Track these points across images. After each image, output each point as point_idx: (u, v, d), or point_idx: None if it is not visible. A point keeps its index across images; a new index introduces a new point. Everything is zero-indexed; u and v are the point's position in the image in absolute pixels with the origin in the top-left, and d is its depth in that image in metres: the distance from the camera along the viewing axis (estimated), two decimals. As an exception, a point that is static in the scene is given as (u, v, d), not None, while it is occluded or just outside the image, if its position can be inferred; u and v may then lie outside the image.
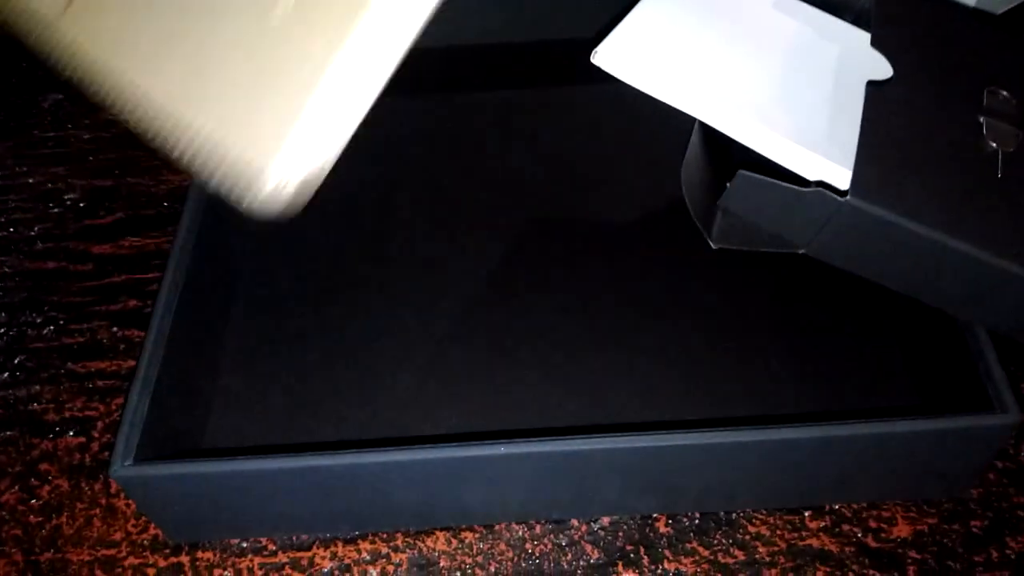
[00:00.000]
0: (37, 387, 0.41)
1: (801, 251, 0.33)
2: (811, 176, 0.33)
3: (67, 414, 0.40)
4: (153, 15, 0.31)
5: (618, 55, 0.36)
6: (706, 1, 0.39)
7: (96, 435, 0.39)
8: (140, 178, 0.49)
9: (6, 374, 0.41)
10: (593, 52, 0.37)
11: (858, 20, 0.41)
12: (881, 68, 0.35)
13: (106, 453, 0.38)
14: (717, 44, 0.37)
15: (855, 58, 0.36)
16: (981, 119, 0.34)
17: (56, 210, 0.48)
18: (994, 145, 0.33)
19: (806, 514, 0.34)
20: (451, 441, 0.30)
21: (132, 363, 0.41)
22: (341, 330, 0.40)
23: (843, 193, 0.30)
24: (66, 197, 0.48)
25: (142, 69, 0.30)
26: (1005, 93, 0.35)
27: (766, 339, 0.38)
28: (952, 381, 0.33)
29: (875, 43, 0.35)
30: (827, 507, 0.35)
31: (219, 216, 0.40)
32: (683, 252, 0.41)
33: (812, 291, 0.40)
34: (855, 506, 0.35)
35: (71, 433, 0.39)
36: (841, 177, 0.32)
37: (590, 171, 0.45)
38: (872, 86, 0.33)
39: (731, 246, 0.35)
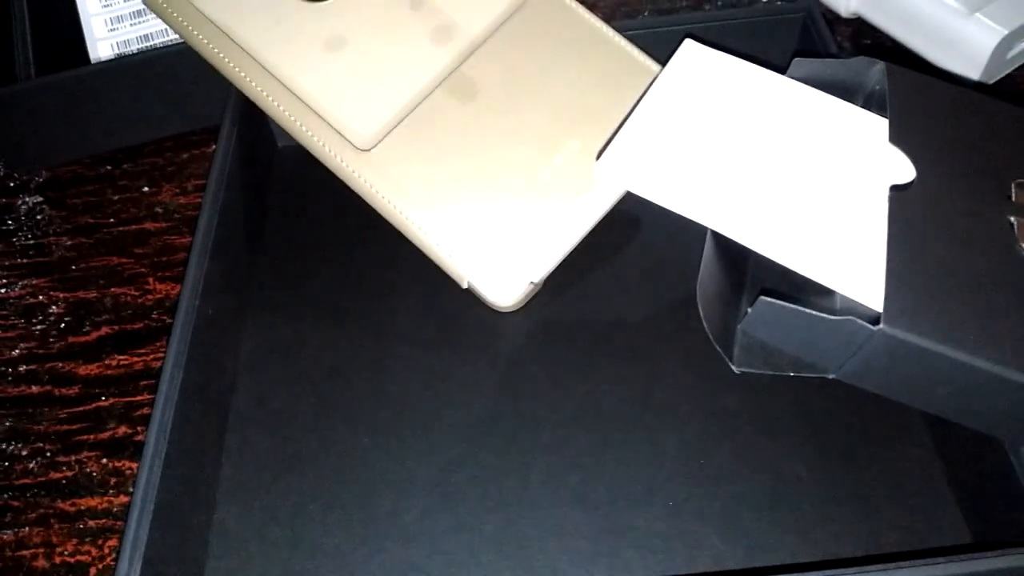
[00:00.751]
0: (26, 529, 0.38)
1: (831, 376, 0.31)
2: (834, 285, 0.31)
3: (58, 559, 0.37)
4: (447, 160, 0.41)
5: (622, 164, 0.35)
6: (709, 96, 0.37)
7: (88, 584, 0.36)
8: (125, 288, 0.47)
9: (-9, 516, 0.39)
10: (596, 162, 0.35)
11: (869, 101, 0.39)
12: (901, 163, 0.33)
13: (100, 605, 0.36)
14: (724, 144, 0.35)
15: (872, 152, 0.34)
16: (1012, 219, 0.32)
17: (39, 327, 0.46)
18: (1028, 249, 0.31)
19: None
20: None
21: (124, 499, 0.39)
22: (342, 455, 0.38)
23: (875, 320, 0.28)
24: (50, 311, 0.46)
25: (426, 205, 0.40)
26: (1034, 187, 0.33)
27: (798, 468, 0.35)
28: (1001, 508, 0.31)
29: (893, 139, 0.33)
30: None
31: (210, 333, 0.38)
32: (703, 370, 0.38)
33: (845, 413, 0.37)
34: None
35: (62, 582, 0.37)
36: (866, 287, 0.30)
37: (605, 276, 0.43)
38: (895, 191, 0.31)
39: (754, 369, 0.33)
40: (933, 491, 0.35)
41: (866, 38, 0.55)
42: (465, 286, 0.40)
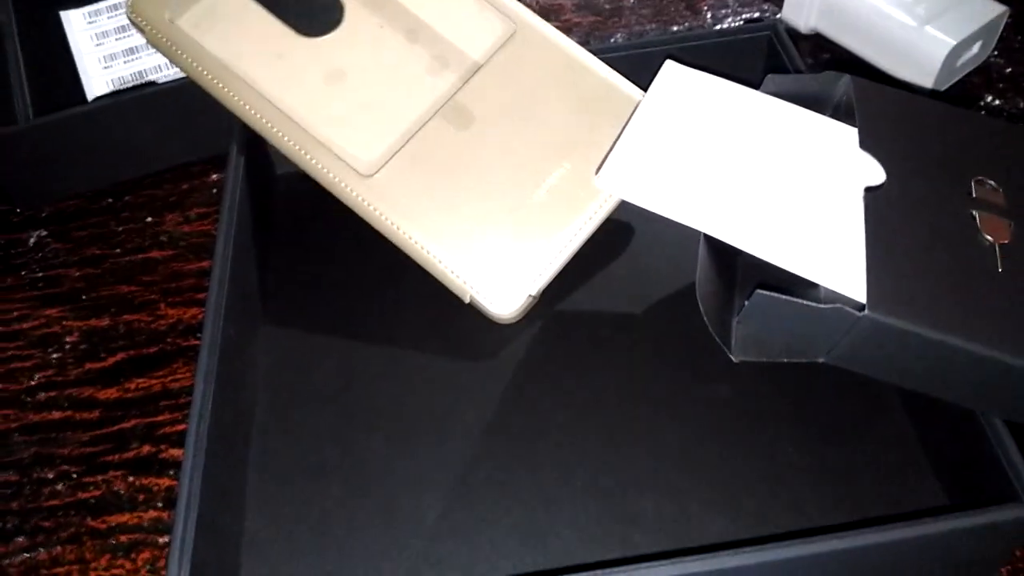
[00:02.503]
0: (58, 548, 0.40)
1: (820, 360, 0.34)
2: (818, 279, 0.34)
3: (92, 575, 0.39)
4: (446, 183, 0.44)
5: (620, 176, 0.37)
6: (693, 112, 0.41)
7: (126, 595, 0.38)
8: (137, 315, 0.49)
9: (22, 537, 0.40)
10: (595, 175, 0.38)
11: (837, 111, 0.43)
12: (872, 167, 0.36)
13: (139, 614, 0.37)
14: (711, 155, 0.38)
15: (844, 158, 0.38)
16: (974, 213, 0.35)
17: (56, 355, 0.47)
18: (990, 239, 0.34)
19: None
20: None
21: (153, 514, 0.41)
22: (362, 461, 0.40)
23: (860, 307, 0.31)
24: (65, 340, 0.48)
25: (427, 225, 0.43)
26: (991, 183, 0.36)
27: (789, 449, 0.38)
28: (976, 473, 0.34)
29: (863, 145, 0.37)
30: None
31: (233, 353, 0.40)
32: (697, 364, 0.41)
33: (829, 396, 0.40)
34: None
35: (100, 596, 0.38)
36: (847, 280, 0.33)
37: (601, 283, 0.46)
38: (869, 192, 0.35)
39: (751, 358, 0.36)
40: (912, 462, 0.38)
41: (825, 52, 0.58)
42: (467, 300, 0.42)
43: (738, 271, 0.39)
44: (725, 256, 0.38)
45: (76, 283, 0.51)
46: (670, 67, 0.43)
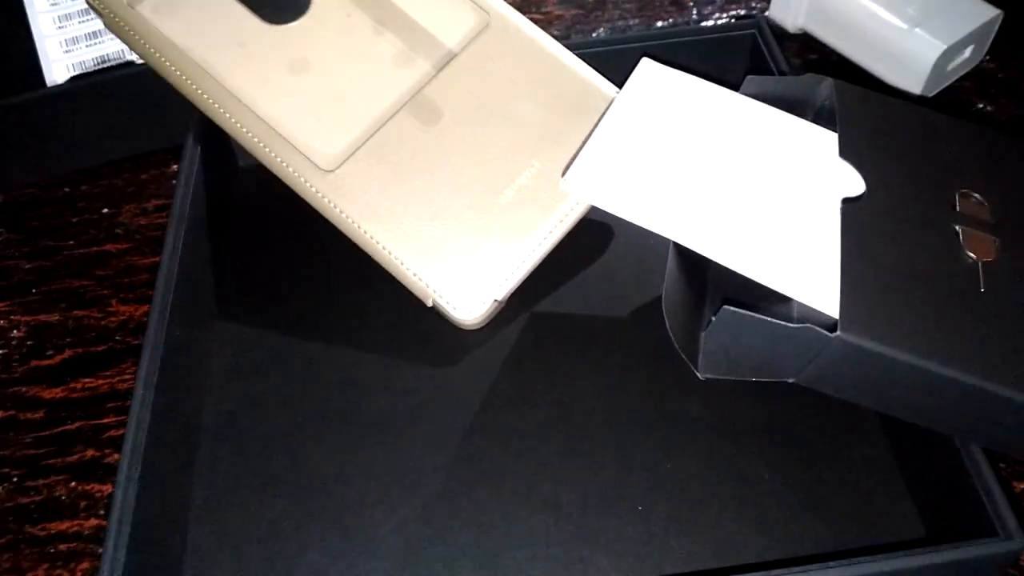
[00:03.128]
0: (-7, 556, 0.38)
1: (791, 380, 0.32)
2: (791, 293, 0.32)
3: (28, 585, 0.37)
4: (410, 181, 0.42)
5: (587, 179, 0.36)
6: (667, 113, 0.39)
7: (61, 609, 0.36)
8: (88, 311, 0.47)
9: (-42, 544, 0.38)
10: (562, 178, 0.36)
11: (818, 116, 0.41)
12: (851, 176, 0.35)
13: (73, 629, 0.36)
14: (684, 159, 0.36)
15: (823, 165, 0.36)
16: (957, 228, 0.33)
17: (1, 351, 0.45)
18: (973, 256, 0.32)
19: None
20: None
21: (95, 522, 0.39)
22: (315, 471, 0.38)
23: (832, 327, 0.29)
24: (11, 335, 0.46)
25: (390, 225, 0.41)
26: (977, 196, 0.35)
27: (761, 469, 0.37)
28: (954, 502, 0.33)
29: (843, 154, 0.35)
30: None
31: (178, 355, 0.38)
32: (668, 377, 0.40)
33: (804, 416, 0.38)
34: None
35: (33, 609, 0.36)
36: (822, 295, 0.32)
37: (570, 290, 0.44)
38: (847, 204, 0.33)
39: (719, 375, 0.34)
40: (888, 489, 0.36)
41: (812, 53, 0.57)
42: (430, 304, 0.41)
43: (708, 283, 0.38)
44: (695, 266, 0.36)
45: (26, 275, 0.49)
46: (646, 65, 0.41)
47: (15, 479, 0.41)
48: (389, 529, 0.36)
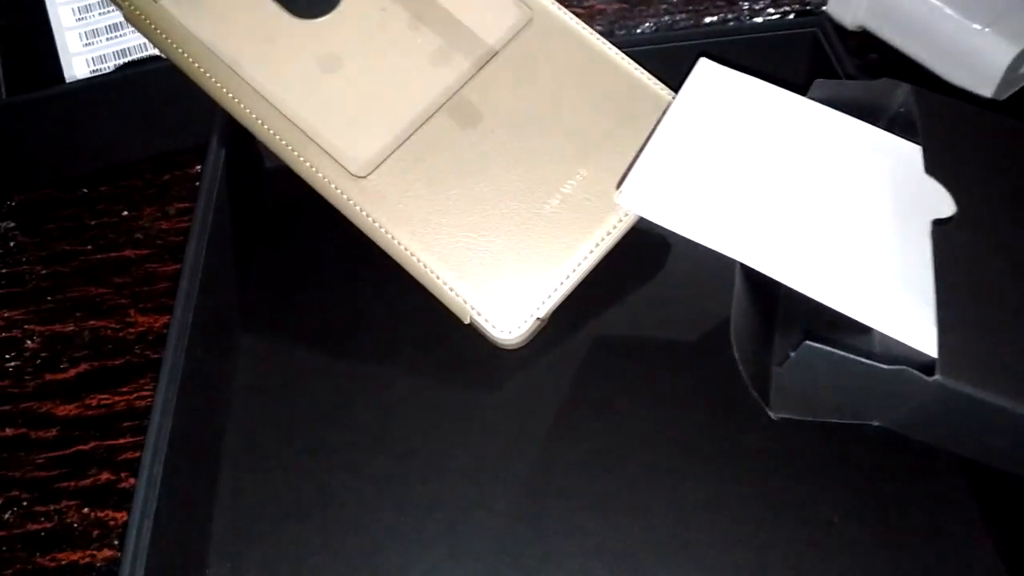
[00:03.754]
0: (1, 587, 0.36)
1: (875, 424, 0.29)
2: (876, 324, 0.29)
3: (36, 621, 0.35)
4: (448, 188, 0.39)
5: (645, 193, 0.32)
6: (730, 120, 0.36)
7: (71, 648, 0.34)
8: (104, 321, 0.44)
9: (-37, 572, 0.36)
10: (616, 190, 0.33)
11: (892, 124, 0.38)
12: (939, 195, 0.31)
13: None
14: (750, 170, 0.33)
15: (906, 180, 0.33)
16: (1058, 254, 0.30)
17: (13, 363, 0.43)
18: (1077, 286, 0.29)
19: None
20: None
21: (108, 553, 0.36)
22: (342, 501, 0.35)
23: (928, 368, 0.26)
24: (24, 346, 0.43)
25: (426, 236, 0.38)
26: (1077, 217, 0.31)
27: (831, 512, 0.33)
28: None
29: (929, 170, 0.32)
30: None
31: (199, 376, 0.36)
32: (731, 410, 0.36)
33: (876, 454, 0.35)
34: None
35: (42, 648, 0.34)
36: (910, 327, 0.28)
37: (629, 317, 0.41)
38: (937, 226, 0.30)
39: (792, 415, 0.31)
40: (968, 535, 0.33)
41: (871, 51, 0.53)
42: (468, 321, 0.38)
43: (779, 307, 0.34)
44: (764, 288, 0.33)
45: (42, 282, 0.46)
46: (704, 66, 0.38)
47: (25, 503, 0.38)
48: (423, 571, 0.34)
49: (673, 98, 0.39)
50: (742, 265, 0.32)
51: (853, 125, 0.35)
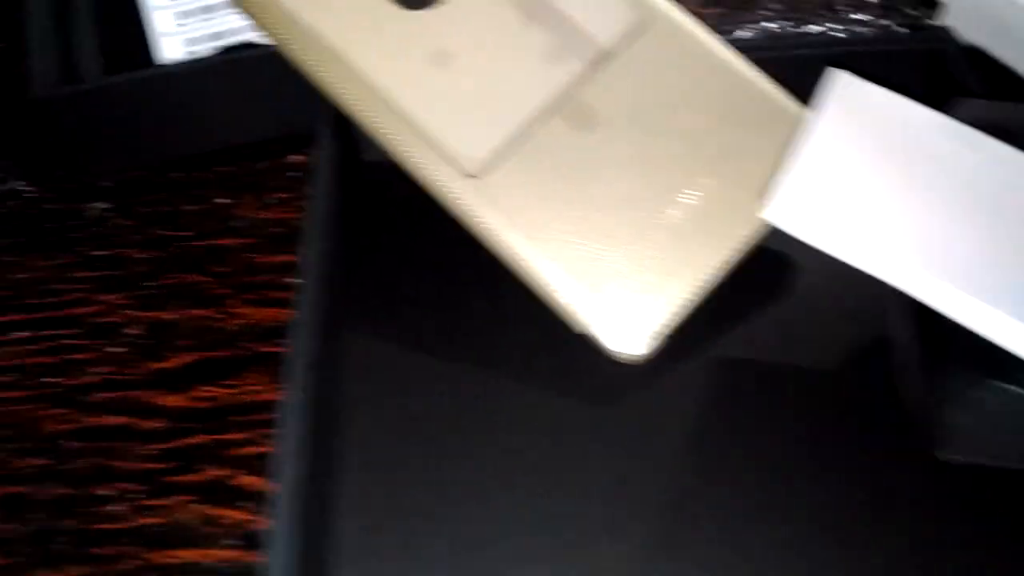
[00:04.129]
0: (113, 582, 0.35)
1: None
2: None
3: (151, 619, 0.34)
4: (565, 193, 0.38)
5: (797, 208, 0.32)
6: (876, 136, 0.35)
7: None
8: (206, 310, 0.43)
9: (74, 565, 0.36)
10: (763, 207, 0.32)
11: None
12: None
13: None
14: (906, 192, 0.32)
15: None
16: None
17: (114, 350, 0.42)
18: None
19: None
20: None
21: (222, 553, 0.36)
22: (467, 521, 0.35)
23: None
24: (125, 332, 0.43)
25: (539, 241, 0.37)
26: None
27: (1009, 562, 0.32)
28: None
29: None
30: None
31: (320, 381, 0.35)
32: (895, 451, 0.34)
33: None
34: None
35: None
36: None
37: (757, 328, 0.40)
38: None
39: (962, 458, 0.30)
40: None
41: (983, 70, 0.52)
42: (580, 331, 0.37)
43: (948, 339, 0.32)
44: (930, 324, 0.32)
45: (138, 267, 0.46)
46: (840, 78, 0.37)
47: (134, 497, 0.38)
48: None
49: (804, 111, 0.38)
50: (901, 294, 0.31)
51: (1005, 150, 0.35)
